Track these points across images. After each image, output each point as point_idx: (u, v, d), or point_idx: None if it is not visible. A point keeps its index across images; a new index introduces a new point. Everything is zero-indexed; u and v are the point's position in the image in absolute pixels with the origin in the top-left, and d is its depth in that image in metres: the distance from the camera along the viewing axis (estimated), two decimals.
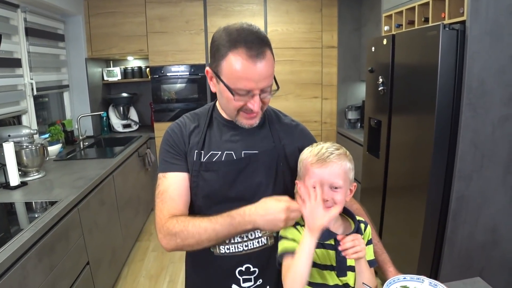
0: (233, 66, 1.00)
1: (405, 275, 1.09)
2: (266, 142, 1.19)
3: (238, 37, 1.00)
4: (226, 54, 1.01)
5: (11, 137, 2.47)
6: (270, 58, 1.03)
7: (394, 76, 2.49)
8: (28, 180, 2.37)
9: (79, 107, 3.91)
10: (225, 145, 1.16)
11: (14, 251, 1.46)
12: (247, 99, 1.05)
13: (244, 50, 0.99)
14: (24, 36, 2.95)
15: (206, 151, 1.15)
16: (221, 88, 1.06)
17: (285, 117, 1.29)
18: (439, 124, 2.05)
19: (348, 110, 4.15)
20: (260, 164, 1.16)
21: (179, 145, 1.16)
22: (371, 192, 2.92)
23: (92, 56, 3.97)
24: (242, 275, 1.19)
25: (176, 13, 3.95)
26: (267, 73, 1.03)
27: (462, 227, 2.13)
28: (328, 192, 1.02)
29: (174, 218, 1.08)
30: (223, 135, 1.18)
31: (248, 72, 1.00)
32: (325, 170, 1.02)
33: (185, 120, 1.21)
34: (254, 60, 0.99)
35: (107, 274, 2.58)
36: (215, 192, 1.14)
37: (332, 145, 1.08)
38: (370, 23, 3.79)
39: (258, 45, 1.00)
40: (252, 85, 1.02)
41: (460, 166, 2.05)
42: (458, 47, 1.95)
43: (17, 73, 2.86)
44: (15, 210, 2.00)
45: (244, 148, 1.16)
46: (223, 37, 1.02)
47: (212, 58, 1.06)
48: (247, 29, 1.03)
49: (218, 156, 1.15)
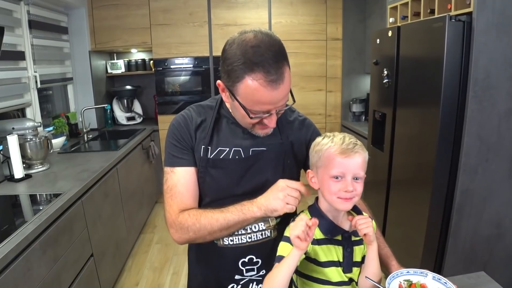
0: (251, 91, 0.96)
1: (408, 269, 1.08)
2: (274, 138, 1.17)
3: (254, 58, 0.94)
4: (242, 77, 0.96)
5: (15, 129, 2.48)
6: (288, 75, 0.99)
7: (399, 69, 2.46)
8: (33, 173, 2.38)
9: (83, 99, 3.92)
10: (233, 142, 1.14)
11: (18, 243, 1.47)
12: (263, 116, 1.03)
13: (262, 75, 0.94)
14: (28, 29, 2.94)
15: (213, 147, 1.14)
16: (236, 105, 1.03)
17: (292, 112, 1.27)
18: (444, 117, 2.02)
19: (353, 103, 4.13)
20: (267, 161, 1.15)
21: (186, 139, 1.14)
22: (375, 185, 2.91)
23: (96, 48, 3.97)
24: (245, 266, 1.20)
25: (179, 5, 3.93)
26: (285, 94, 1.00)
27: (466, 221, 2.11)
28: (352, 183, 1.02)
29: (185, 212, 1.09)
30: (231, 132, 1.16)
31: (266, 98, 0.97)
32: (351, 161, 1.01)
33: (191, 112, 1.18)
34: (273, 86, 0.95)
35: (111, 266, 2.60)
36: (222, 188, 1.14)
37: (348, 136, 1.07)
38: (375, 15, 3.74)
39: (276, 66, 0.95)
40: (270, 107, 1.00)
41: (465, 160, 2.04)
42: (464, 39, 1.92)
43: (20, 66, 2.86)
44: (20, 202, 2.01)
45: (252, 145, 1.14)
46: (238, 56, 0.96)
47: (226, 75, 1.00)
48: (263, 44, 0.95)
49: (226, 153, 1.14)
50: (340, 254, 1.08)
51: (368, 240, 1.03)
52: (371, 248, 1.04)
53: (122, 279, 2.87)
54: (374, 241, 1.03)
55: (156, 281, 2.85)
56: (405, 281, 1.05)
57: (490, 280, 1.23)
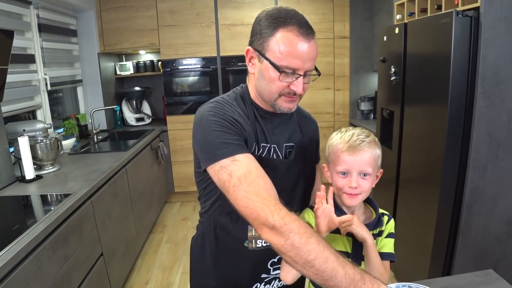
0: (284, 42, 0.98)
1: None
2: (297, 134, 1.19)
3: (289, 15, 1.00)
4: (276, 30, 0.99)
5: (26, 131, 2.52)
6: (316, 42, 1.03)
7: (407, 66, 2.44)
8: (43, 174, 2.41)
9: (92, 101, 3.96)
10: (271, 138, 1.13)
11: (29, 242, 1.49)
12: (290, 80, 1.01)
13: (296, 27, 0.98)
14: (37, 32, 2.99)
15: (259, 144, 1.10)
16: (264, 68, 1.03)
17: (302, 110, 1.30)
18: (453, 114, 2.00)
19: (361, 101, 4.11)
20: (298, 156, 1.16)
21: (235, 129, 1.01)
22: (383, 183, 2.88)
23: (105, 50, 4.01)
24: (273, 265, 1.19)
25: (186, 6, 3.95)
26: (313, 54, 1.02)
27: (476, 219, 2.09)
28: (357, 179, 1.04)
29: (297, 220, 0.87)
30: (265, 127, 1.13)
31: (298, 49, 0.98)
32: (355, 158, 1.03)
33: (228, 101, 1.09)
34: (305, 38, 0.99)
35: (121, 266, 2.62)
36: None
37: (362, 132, 1.08)
38: (383, 12, 3.72)
39: (308, 25, 1.01)
40: (299, 64, 0.99)
41: (474, 157, 2.01)
42: (472, 34, 1.90)
43: (31, 68, 2.91)
44: (31, 202, 2.04)
45: (284, 140, 1.15)
46: (272, 16, 1.02)
47: (256, 36, 1.04)
48: (293, 11, 1.03)
49: (267, 150, 1.11)
50: (349, 245, 1.09)
51: (358, 238, 1.03)
52: (364, 245, 1.04)
53: (131, 279, 2.89)
54: (365, 238, 1.02)
55: (165, 281, 2.87)
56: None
57: (498, 278, 1.22)
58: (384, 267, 1.06)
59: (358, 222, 1.02)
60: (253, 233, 1.13)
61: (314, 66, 1.04)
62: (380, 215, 1.12)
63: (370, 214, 1.14)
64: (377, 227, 1.10)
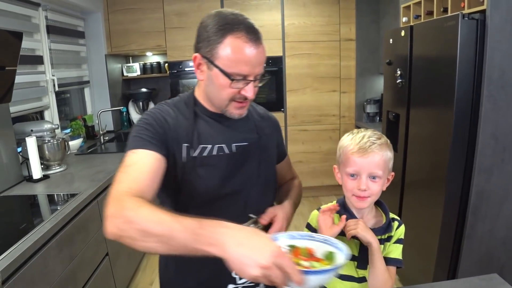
0: (233, 49, 0.98)
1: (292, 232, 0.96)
2: (252, 133, 1.17)
3: (237, 21, 0.99)
4: (224, 37, 0.98)
5: (34, 132, 2.55)
6: (264, 45, 1.03)
7: (412, 68, 2.44)
8: (50, 173, 2.44)
9: (99, 102, 3.99)
10: (215, 138, 1.10)
11: (35, 241, 1.51)
12: (241, 85, 1.02)
13: (244, 33, 0.98)
14: (46, 34, 3.02)
15: (195, 145, 1.08)
16: (213, 75, 1.02)
17: (260, 108, 1.30)
18: (458, 116, 2.00)
19: (367, 103, 4.10)
20: (251, 156, 1.14)
21: (158, 129, 1.03)
22: (389, 186, 2.87)
23: (112, 52, 4.04)
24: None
25: (193, 8, 3.97)
26: (263, 59, 1.03)
27: (482, 223, 2.08)
28: (367, 182, 1.04)
29: (132, 196, 0.85)
30: (211, 128, 1.11)
31: (247, 55, 0.98)
32: (365, 160, 1.03)
33: (167, 108, 1.11)
34: (254, 43, 0.99)
35: (126, 266, 2.64)
36: (210, 189, 1.07)
37: (374, 134, 1.07)
38: (389, 15, 3.72)
39: (255, 30, 1.01)
40: (249, 70, 1.00)
41: (480, 160, 2.00)
42: (478, 37, 1.90)
43: (39, 70, 2.94)
44: (38, 202, 2.06)
45: (233, 140, 1.12)
46: (218, 21, 1.00)
47: (203, 42, 1.01)
48: (240, 14, 1.02)
49: (209, 150, 1.08)
50: (356, 249, 1.09)
51: (363, 242, 1.02)
52: (369, 250, 1.03)
53: (137, 278, 2.91)
54: (370, 242, 1.01)
55: None
56: (288, 247, 0.90)
57: (502, 283, 1.21)
58: (390, 273, 1.05)
59: (363, 226, 1.01)
60: None
61: (263, 69, 1.05)
62: (390, 220, 1.11)
63: (381, 218, 1.13)
64: (387, 232, 1.09)
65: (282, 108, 4.21)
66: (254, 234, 0.76)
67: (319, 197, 4.33)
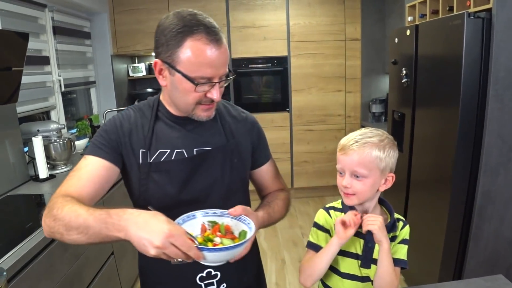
0: (194, 52, 0.93)
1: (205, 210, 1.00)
2: (218, 137, 1.12)
3: (193, 23, 0.94)
4: (183, 40, 0.93)
5: (40, 131, 2.57)
6: (226, 44, 0.99)
7: (418, 68, 2.43)
8: (56, 173, 2.46)
9: (105, 102, 4.02)
10: (175, 143, 1.07)
11: (41, 240, 1.53)
12: (206, 88, 0.98)
13: (204, 35, 0.93)
14: (52, 35, 3.05)
15: (153, 150, 1.06)
16: (177, 80, 0.98)
17: (234, 109, 1.22)
18: (464, 116, 1.98)
19: (372, 103, 4.09)
20: (214, 161, 1.09)
21: (117, 136, 1.06)
22: (394, 186, 2.83)
23: (118, 52, 4.06)
24: (203, 281, 1.11)
25: (198, 9, 3.80)
26: (226, 59, 0.99)
27: (488, 223, 2.06)
28: (349, 180, 1.04)
29: (65, 196, 0.93)
30: (172, 132, 1.08)
31: (210, 57, 0.94)
32: (346, 158, 1.04)
33: (130, 112, 1.11)
34: (215, 45, 0.94)
35: (131, 265, 2.65)
36: (168, 195, 1.05)
37: (366, 133, 1.06)
38: (394, 14, 3.70)
39: (215, 29, 0.96)
40: (213, 72, 0.96)
41: (486, 160, 1.99)
42: (484, 36, 1.88)
43: (45, 70, 2.97)
44: (44, 201, 2.08)
45: (195, 145, 1.08)
46: (176, 23, 0.94)
47: (162, 47, 0.96)
48: (198, 14, 0.98)
49: (167, 155, 1.06)
50: (360, 247, 1.09)
51: (376, 239, 1.02)
52: (379, 249, 1.02)
53: None
54: (382, 242, 1.00)
55: None
56: (209, 223, 0.98)
57: (507, 283, 1.21)
58: (395, 274, 1.04)
59: (382, 224, 1.01)
60: None
61: (227, 69, 1.01)
62: (395, 220, 1.10)
63: (386, 217, 1.12)
64: (391, 232, 1.09)
65: (287, 108, 4.21)
66: (151, 218, 0.81)
67: (325, 197, 4.32)
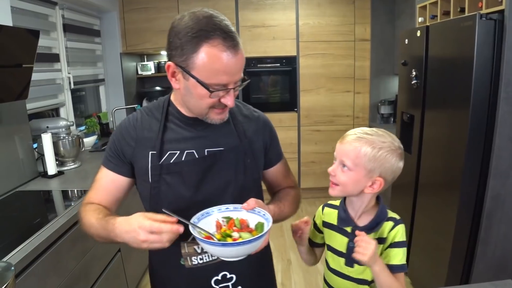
0: (210, 59, 0.90)
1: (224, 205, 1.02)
2: (231, 138, 1.10)
3: (209, 27, 0.90)
4: (199, 46, 0.89)
5: (49, 128, 2.59)
6: (242, 49, 0.95)
7: (428, 69, 2.40)
8: (65, 170, 2.48)
9: (114, 100, 4.04)
10: (185, 144, 1.06)
11: (49, 235, 1.54)
12: (221, 94, 0.96)
13: (221, 40, 0.89)
14: (62, 32, 3.07)
15: (164, 152, 1.05)
16: (191, 85, 0.95)
17: (246, 108, 1.20)
18: (474, 119, 1.96)
19: (381, 104, 4.06)
20: (226, 162, 1.07)
21: (122, 146, 1.08)
22: (402, 188, 2.85)
23: (127, 50, 4.08)
24: (218, 284, 1.11)
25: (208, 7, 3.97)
26: (242, 64, 0.96)
27: (497, 227, 2.04)
28: (336, 167, 1.05)
29: (87, 205, 1.08)
30: (182, 133, 1.07)
31: (226, 65, 0.91)
32: (341, 146, 1.04)
33: (138, 115, 1.12)
34: (232, 51, 0.91)
35: (137, 262, 2.66)
36: (181, 197, 1.04)
37: (373, 131, 1.05)
38: (405, 15, 3.67)
39: (232, 33, 0.92)
40: (229, 78, 0.93)
41: (496, 163, 1.96)
42: (496, 38, 1.86)
43: (55, 67, 2.99)
44: (52, 197, 2.10)
45: (206, 146, 1.06)
46: (192, 26, 0.90)
47: (176, 51, 0.93)
48: (214, 16, 0.93)
49: (177, 156, 1.04)
50: (345, 247, 1.08)
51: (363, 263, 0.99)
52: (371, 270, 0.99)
53: (147, 275, 2.92)
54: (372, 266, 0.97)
55: None
56: (224, 218, 0.99)
57: None
58: (399, 281, 1.00)
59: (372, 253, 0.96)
60: (186, 250, 1.07)
61: (242, 75, 0.98)
62: (377, 220, 1.05)
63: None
64: (372, 232, 1.04)
65: (295, 108, 4.20)
66: (130, 220, 0.91)
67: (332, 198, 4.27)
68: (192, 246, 1.07)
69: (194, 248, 1.07)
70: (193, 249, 1.07)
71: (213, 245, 0.87)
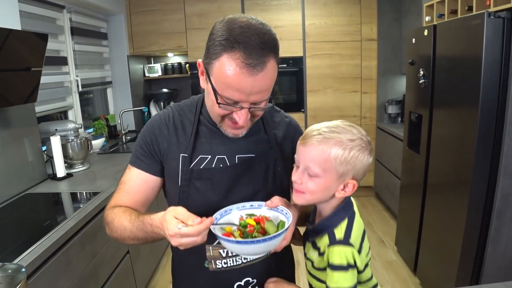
0: (224, 71, 0.85)
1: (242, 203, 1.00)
2: (262, 144, 1.07)
3: (238, 38, 0.84)
4: (220, 54, 0.85)
5: (58, 131, 2.61)
6: (271, 69, 0.87)
7: (436, 69, 2.39)
8: (74, 172, 2.50)
9: (121, 102, 4.07)
10: (216, 149, 1.03)
11: (59, 237, 1.55)
12: (233, 109, 0.91)
13: (241, 55, 0.83)
14: (70, 35, 3.10)
15: (194, 156, 1.03)
16: (209, 88, 0.92)
17: (277, 113, 1.16)
18: (483, 118, 1.94)
19: (388, 104, 4.03)
20: (256, 170, 1.05)
21: (154, 145, 1.06)
22: (411, 189, 2.83)
23: (134, 53, 4.10)
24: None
25: (214, 9, 4.00)
26: (263, 87, 0.88)
27: (507, 227, 2.01)
28: (300, 175, 0.90)
29: (114, 208, 1.04)
30: (214, 138, 1.04)
31: (239, 83, 0.85)
32: (303, 149, 0.89)
33: (170, 114, 1.08)
34: (249, 71, 0.84)
35: (146, 264, 2.68)
36: (209, 202, 1.02)
37: (338, 126, 0.90)
38: (411, 14, 3.65)
39: (260, 52, 0.84)
40: (241, 97, 0.88)
41: (506, 163, 1.94)
42: (505, 36, 1.84)
43: (63, 70, 3.02)
44: (61, 199, 2.12)
45: (238, 151, 1.04)
46: (222, 32, 0.86)
47: (206, 51, 0.91)
48: (253, 28, 0.85)
49: (208, 161, 1.03)
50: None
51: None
52: None
53: (156, 277, 2.94)
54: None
55: None
56: (247, 215, 0.98)
57: None
58: None
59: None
60: (211, 253, 1.06)
61: (267, 95, 0.92)
62: (322, 227, 0.93)
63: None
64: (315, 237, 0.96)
65: (302, 108, 4.19)
66: (162, 225, 0.87)
67: None
68: (217, 250, 1.06)
69: (219, 251, 1.06)
70: (218, 253, 1.06)
71: (231, 243, 0.87)
